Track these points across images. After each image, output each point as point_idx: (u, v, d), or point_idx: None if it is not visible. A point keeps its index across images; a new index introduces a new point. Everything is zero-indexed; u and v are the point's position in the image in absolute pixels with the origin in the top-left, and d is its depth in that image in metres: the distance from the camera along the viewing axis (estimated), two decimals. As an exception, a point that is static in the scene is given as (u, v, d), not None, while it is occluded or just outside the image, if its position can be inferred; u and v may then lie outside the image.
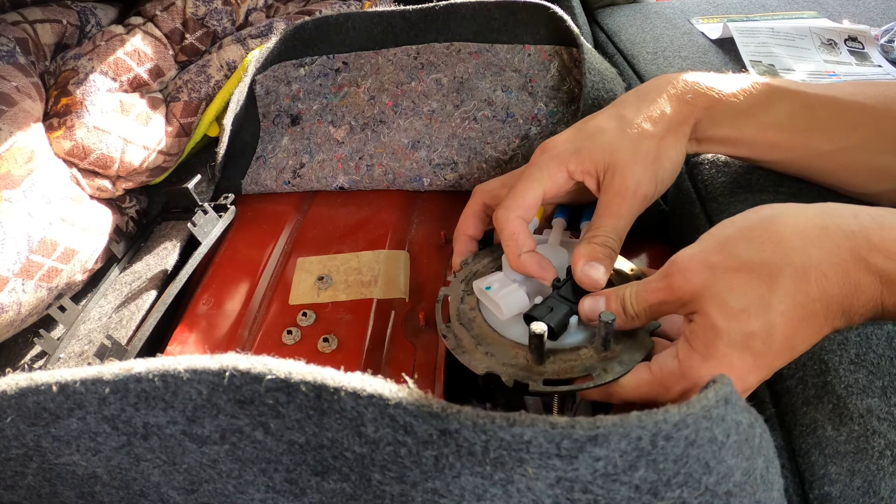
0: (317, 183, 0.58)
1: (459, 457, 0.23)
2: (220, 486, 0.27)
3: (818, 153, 0.40)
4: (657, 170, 0.38)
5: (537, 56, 0.55)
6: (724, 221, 0.33)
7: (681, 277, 0.31)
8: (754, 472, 0.25)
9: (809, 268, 0.28)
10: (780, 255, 0.29)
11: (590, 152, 0.39)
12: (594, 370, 0.33)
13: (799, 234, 0.29)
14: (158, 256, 0.52)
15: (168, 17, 0.61)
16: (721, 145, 0.42)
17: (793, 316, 0.28)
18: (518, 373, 0.34)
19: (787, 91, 0.40)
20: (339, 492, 0.26)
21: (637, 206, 0.38)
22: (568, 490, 0.23)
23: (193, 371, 0.25)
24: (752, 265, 0.29)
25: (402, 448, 0.24)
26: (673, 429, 0.22)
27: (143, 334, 0.44)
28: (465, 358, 0.36)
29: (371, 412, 0.24)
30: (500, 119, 0.55)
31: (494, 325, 0.38)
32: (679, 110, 0.40)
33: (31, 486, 0.29)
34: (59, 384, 0.26)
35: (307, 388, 0.24)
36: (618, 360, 0.33)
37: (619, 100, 0.42)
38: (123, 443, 0.27)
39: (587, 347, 0.35)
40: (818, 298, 0.28)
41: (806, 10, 0.83)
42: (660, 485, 0.23)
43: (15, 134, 0.46)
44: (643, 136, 0.39)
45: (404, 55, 0.59)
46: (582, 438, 0.22)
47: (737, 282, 0.29)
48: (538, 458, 0.23)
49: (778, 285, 0.28)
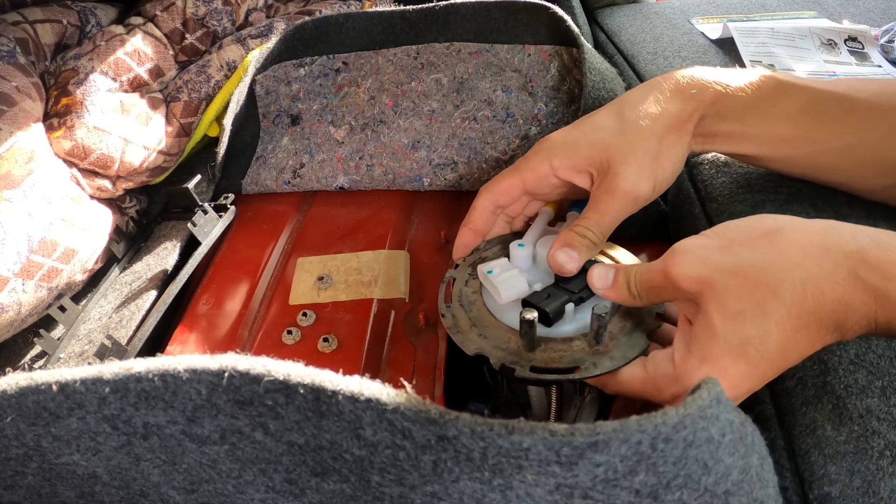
0: (317, 183, 0.58)
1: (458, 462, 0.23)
2: (220, 486, 0.27)
3: (826, 150, 0.40)
4: (655, 169, 0.38)
5: (537, 56, 0.55)
6: (727, 224, 0.33)
7: (679, 265, 0.31)
8: (750, 469, 0.25)
9: (807, 282, 0.29)
10: (781, 266, 0.29)
11: (582, 148, 0.39)
12: (583, 362, 0.33)
13: (801, 249, 0.29)
14: (158, 256, 0.52)
15: (168, 17, 0.61)
16: (727, 141, 0.41)
17: (788, 327, 0.29)
18: (507, 357, 0.34)
19: (794, 86, 0.40)
20: (338, 492, 0.26)
21: (628, 207, 0.38)
22: (568, 496, 0.23)
23: (193, 371, 0.25)
24: (752, 271, 0.29)
25: (401, 452, 0.24)
26: (672, 431, 0.22)
27: (143, 334, 0.44)
28: (458, 337, 0.37)
29: (369, 416, 0.24)
30: (501, 119, 0.55)
31: (493, 309, 0.38)
32: (683, 107, 0.40)
33: (31, 486, 0.29)
34: (60, 384, 0.26)
35: (305, 391, 0.24)
36: (609, 356, 0.33)
37: (622, 98, 0.42)
38: (123, 443, 0.27)
39: (580, 340, 0.35)
40: (813, 312, 0.29)
41: (806, 10, 0.83)
42: (660, 488, 0.23)
43: (15, 134, 0.46)
44: (642, 135, 0.38)
45: (404, 55, 0.59)
46: (582, 445, 0.22)
47: (735, 284, 0.29)
48: (537, 465, 0.23)
49: (776, 295, 0.29)
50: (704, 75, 0.41)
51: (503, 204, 0.43)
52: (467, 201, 0.45)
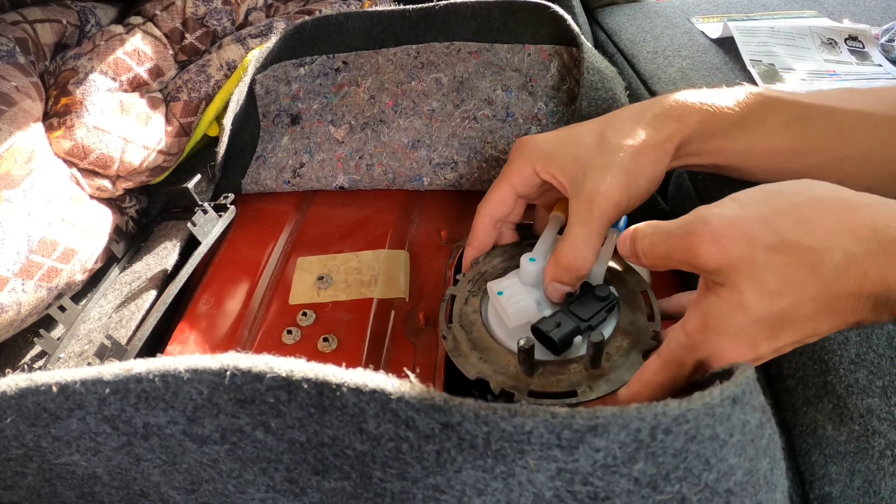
0: (317, 182, 0.58)
1: (461, 450, 0.23)
2: (221, 485, 0.27)
3: (817, 162, 0.40)
4: (629, 182, 0.38)
5: (537, 56, 0.55)
6: (767, 187, 0.31)
7: (713, 243, 0.29)
8: (757, 472, 0.25)
9: (851, 265, 0.27)
10: (827, 245, 0.28)
11: (561, 160, 0.39)
12: (580, 386, 0.33)
13: (850, 229, 0.28)
14: (158, 256, 0.52)
15: (168, 17, 0.61)
16: (715, 156, 0.41)
17: (822, 304, 0.28)
18: (506, 381, 0.35)
19: (782, 101, 0.40)
20: (339, 490, 0.26)
21: (609, 212, 0.37)
22: (568, 482, 0.23)
23: (194, 371, 0.25)
24: (797, 247, 0.28)
25: (404, 443, 0.24)
26: (672, 422, 0.23)
27: (143, 334, 0.44)
28: (459, 361, 0.37)
29: (373, 408, 0.24)
30: (501, 119, 0.55)
31: (493, 331, 0.38)
32: (663, 128, 0.39)
33: (31, 487, 0.29)
34: (59, 385, 0.26)
35: (309, 386, 0.24)
36: (605, 379, 0.33)
37: (607, 117, 0.42)
38: (123, 443, 0.27)
39: (577, 363, 0.35)
40: (852, 293, 0.28)
41: (806, 9, 0.83)
42: (659, 478, 0.23)
43: (15, 134, 0.46)
44: (618, 152, 0.38)
45: (404, 55, 0.58)
46: (582, 428, 0.22)
47: (778, 262, 0.28)
48: (539, 448, 0.23)
49: (817, 274, 0.27)
50: (691, 98, 0.40)
51: (502, 216, 0.43)
52: (467, 201, 0.45)
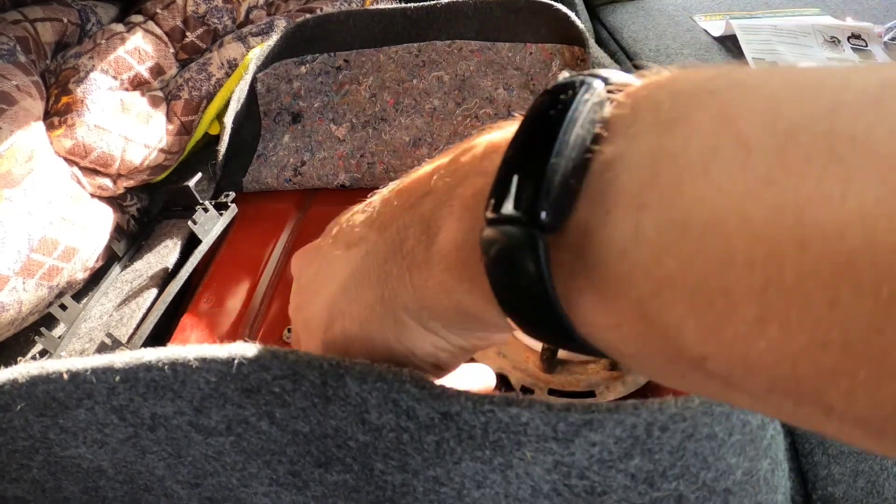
0: (318, 181, 0.58)
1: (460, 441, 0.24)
2: (224, 479, 0.27)
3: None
4: None
5: (539, 54, 0.55)
6: None
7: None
8: (757, 473, 0.25)
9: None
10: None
11: None
12: (598, 387, 0.33)
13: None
14: (159, 255, 0.52)
15: (168, 15, 0.61)
16: None
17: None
18: (525, 378, 0.35)
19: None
20: (341, 484, 0.26)
21: None
22: (565, 475, 0.23)
23: (203, 360, 0.25)
24: None
25: (405, 434, 0.24)
26: (669, 420, 0.23)
27: (143, 332, 0.44)
28: (478, 355, 0.37)
29: (375, 397, 0.24)
30: (502, 117, 0.54)
31: None
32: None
33: (36, 480, 0.29)
34: (71, 372, 0.26)
35: (314, 376, 0.24)
36: (622, 381, 0.33)
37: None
38: (130, 434, 0.27)
39: (596, 363, 0.35)
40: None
41: (809, 7, 0.83)
42: (656, 475, 0.23)
43: (15, 133, 0.46)
44: None
45: (406, 53, 0.58)
46: (577, 422, 0.22)
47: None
48: (535, 440, 0.23)
49: None
50: None
51: None
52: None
